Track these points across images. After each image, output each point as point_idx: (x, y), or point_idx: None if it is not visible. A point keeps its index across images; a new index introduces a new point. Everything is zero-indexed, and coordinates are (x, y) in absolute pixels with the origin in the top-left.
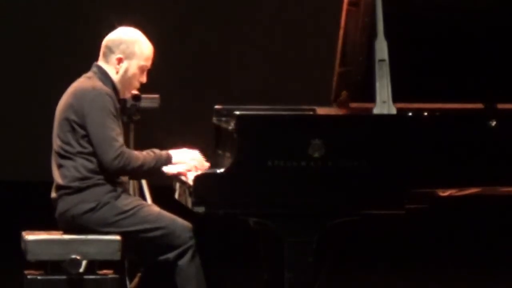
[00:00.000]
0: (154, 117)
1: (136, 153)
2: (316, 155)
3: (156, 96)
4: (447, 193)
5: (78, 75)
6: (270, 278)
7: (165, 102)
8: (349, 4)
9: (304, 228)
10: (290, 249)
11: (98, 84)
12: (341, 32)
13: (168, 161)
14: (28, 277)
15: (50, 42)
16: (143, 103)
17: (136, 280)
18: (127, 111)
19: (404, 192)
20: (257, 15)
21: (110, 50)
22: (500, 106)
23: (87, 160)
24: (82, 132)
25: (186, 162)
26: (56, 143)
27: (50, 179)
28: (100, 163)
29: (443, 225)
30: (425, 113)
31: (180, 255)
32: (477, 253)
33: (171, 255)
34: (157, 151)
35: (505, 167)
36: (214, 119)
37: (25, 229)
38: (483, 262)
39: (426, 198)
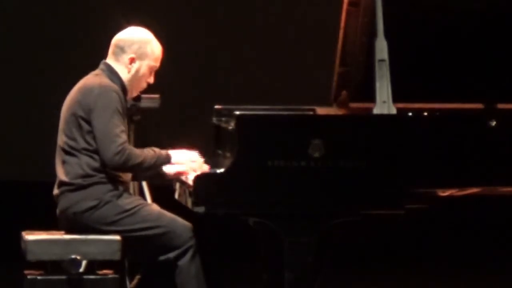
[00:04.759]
0: (154, 117)
1: (138, 150)
2: (316, 155)
3: (156, 96)
4: (447, 193)
5: (81, 74)
6: (270, 278)
7: (165, 102)
8: (349, 4)
9: (304, 228)
10: (290, 249)
11: (106, 81)
12: (341, 32)
13: (167, 160)
14: (28, 277)
15: (52, 41)
16: (143, 103)
17: (136, 280)
18: (127, 111)
19: (403, 192)
20: (257, 15)
21: (121, 49)
22: (500, 106)
23: (91, 157)
24: (88, 127)
25: (185, 163)
26: (62, 139)
27: (51, 179)
28: (101, 159)
29: (443, 225)
30: (425, 113)
31: (181, 255)
32: (477, 253)
33: (171, 255)
34: (157, 149)
35: (505, 167)
36: (214, 119)
37: (25, 229)
38: (483, 262)
39: (426, 198)
